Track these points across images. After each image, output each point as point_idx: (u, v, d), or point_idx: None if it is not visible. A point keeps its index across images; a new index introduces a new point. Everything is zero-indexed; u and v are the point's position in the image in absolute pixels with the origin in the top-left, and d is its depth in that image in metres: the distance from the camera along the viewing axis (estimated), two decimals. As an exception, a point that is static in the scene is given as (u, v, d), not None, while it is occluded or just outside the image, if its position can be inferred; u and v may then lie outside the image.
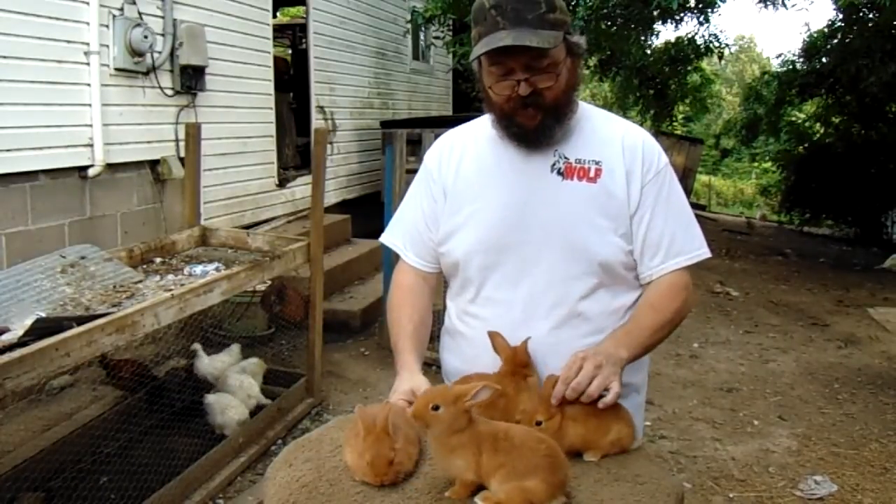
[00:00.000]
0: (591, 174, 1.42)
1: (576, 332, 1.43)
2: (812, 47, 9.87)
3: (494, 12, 1.31)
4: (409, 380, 1.39)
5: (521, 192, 1.43)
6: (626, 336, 1.38)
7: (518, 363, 1.36)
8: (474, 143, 1.52)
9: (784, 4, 7.93)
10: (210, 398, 3.15)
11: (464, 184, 1.49)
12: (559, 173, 1.43)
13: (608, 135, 1.47)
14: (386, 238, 1.64)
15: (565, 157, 1.43)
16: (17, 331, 2.16)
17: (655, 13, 7.23)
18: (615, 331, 1.42)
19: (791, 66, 10.57)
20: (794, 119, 12.30)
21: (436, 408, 1.10)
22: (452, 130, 1.60)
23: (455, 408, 1.10)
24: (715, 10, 8.06)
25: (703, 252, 1.48)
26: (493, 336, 1.38)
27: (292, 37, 9.54)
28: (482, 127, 1.53)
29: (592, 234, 1.41)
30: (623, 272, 1.46)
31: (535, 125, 1.39)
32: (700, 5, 7.92)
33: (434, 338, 1.68)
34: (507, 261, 1.44)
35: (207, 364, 3.37)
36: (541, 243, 1.42)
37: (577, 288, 1.43)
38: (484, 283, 1.47)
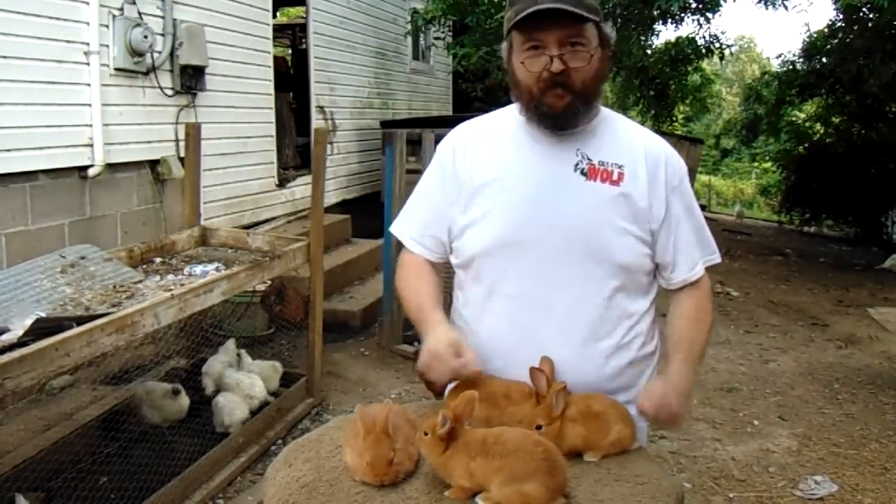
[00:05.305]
0: (615, 177, 1.42)
1: (591, 334, 1.43)
2: (812, 47, 9.88)
3: None
4: (447, 333, 1.39)
5: (543, 188, 1.41)
6: (691, 363, 1.47)
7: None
8: (493, 137, 1.50)
9: (784, 6, 7.93)
10: (220, 399, 3.15)
11: (482, 177, 1.46)
12: (583, 173, 1.42)
13: (630, 139, 1.47)
14: (394, 228, 1.63)
15: (588, 158, 1.42)
16: (17, 331, 2.15)
17: (656, 13, 7.24)
18: (677, 356, 1.46)
19: (791, 67, 10.57)
20: (794, 119, 12.30)
21: (425, 433, 1.16)
22: (467, 123, 1.57)
23: (434, 435, 1.15)
24: (716, 11, 8.05)
25: (717, 254, 1.56)
26: (536, 375, 1.30)
27: (292, 37, 9.55)
28: (501, 121, 1.51)
29: (615, 237, 1.40)
30: (640, 276, 1.46)
31: (563, 106, 1.37)
32: (700, 6, 7.92)
33: None
34: (526, 258, 1.42)
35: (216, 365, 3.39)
36: (562, 243, 1.40)
37: (596, 290, 1.41)
38: (501, 279, 1.44)
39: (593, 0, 1.35)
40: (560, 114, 1.38)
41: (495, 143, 1.49)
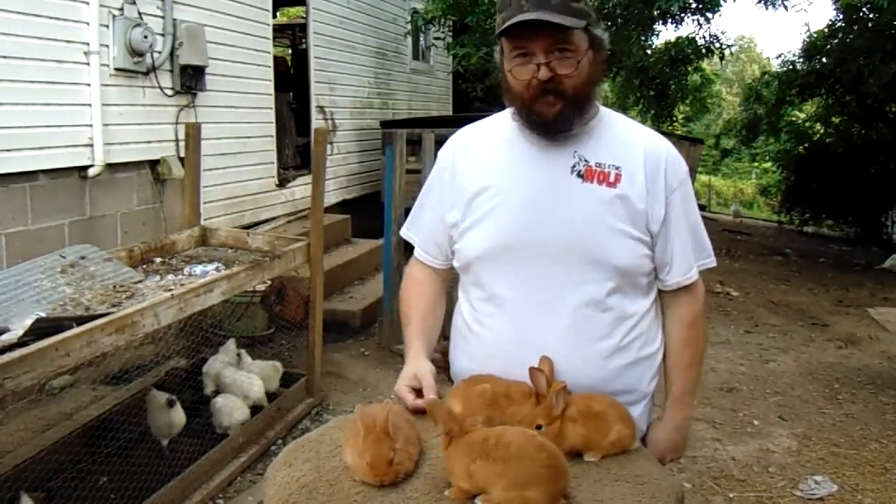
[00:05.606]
0: (612, 179, 1.41)
1: (590, 336, 1.43)
2: (812, 47, 9.87)
3: None
4: (414, 365, 1.44)
5: (540, 191, 1.42)
6: (685, 396, 1.55)
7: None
8: (491, 141, 1.51)
9: (784, 6, 7.92)
10: (219, 401, 3.15)
11: (481, 182, 1.46)
12: (579, 175, 1.41)
13: (629, 140, 1.46)
14: (403, 231, 1.67)
15: (585, 160, 1.42)
16: (17, 331, 2.16)
17: (656, 13, 7.23)
18: (674, 394, 1.54)
19: (791, 67, 10.55)
20: (794, 119, 12.28)
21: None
22: (467, 128, 1.59)
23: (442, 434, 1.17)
24: (716, 11, 8.05)
25: (713, 257, 1.56)
26: (535, 374, 1.31)
27: (292, 37, 9.55)
28: (499, 124, 1.52)
29: (611, 239, 1.40)
30: (639, 278, 1.45)
31: (555, 114, 1.37)
32: (700, 6, 7.91)
33: (446, 337, 1.69)
34: (523, 261, 1.42)
35: (216, 365, 3.38)
36: (559, 245, 1.40)
37: (594, 292, 1.41)
38: (499, 282, 1.45)
39: (581, 4, 1.34)
40: (551, 121, 1.38)
41: (493, 146, 1.50)
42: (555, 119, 1.38)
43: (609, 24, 7.35)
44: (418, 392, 1.39)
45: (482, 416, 1.26)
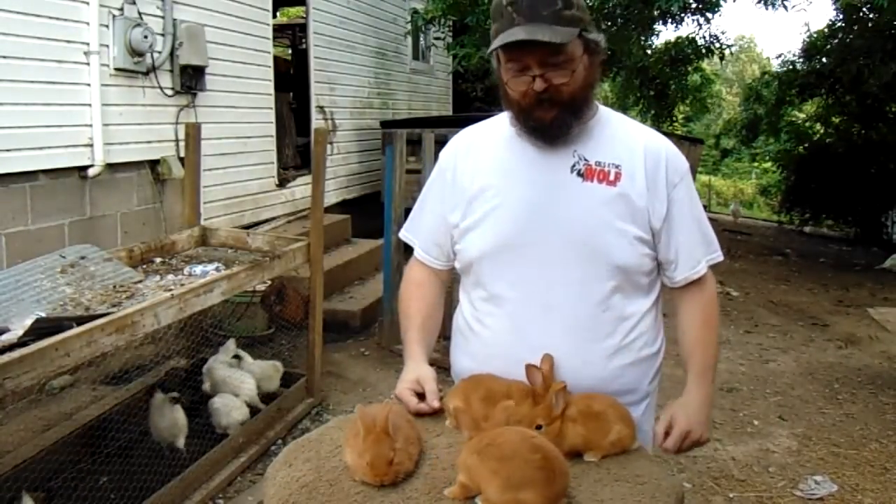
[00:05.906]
0: (612, 177, 1.41)
1: (591, 335, 1.43)
2: (812, 47, 9.88)
3: (511, 8, 1.33)
4: (415, 370, 1.44)
5: (540, 191, 1.42)
6: (708, 372, 1.50)
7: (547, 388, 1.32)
8: (492, 142, 1.51)
9: (784, 6, 7.92)
10: (217, 401, 3.15)
11: (481, 182, 1.47)
12: (579, 174, 1.42)
13: (629, 139, 1.46)
14: (403, 233, 1.67)
15: (585, 159, 1.42)
16: (17, 331, 2.15)
17: (656, 13, 7.23)
18: (696, 369, 1.49)
19: (791, 67, 10.57)
20: (794, 119, 12.29)
21: None
22: (468, 129, 1.59)
23: None
24: (716, 11, 8.05)
25: (720, 252, 1.54)
26: (531, 371, 1.31)
27: (292, 37, 9.56)
28: (499, 125, 1.52)
29: (612, 238, 1.40)
30: (639, 277, 1.45)
31: (551, 119, 1.37)
32: (700, 6, 7.91)
33: (446, 337, 1.68)
34: (524, 260, 1.42)
35: (215, 365, 3.37)
36: (559, 245, 1.40)
37: (594, 291, 1.41)
38: (499, 281, 1.45)
39: (575, 10, 1.33)
40: (548, 126, 1.39)
41: (493, 147, 1.50)
42: (551, 123, 1.38)
43: (609, 24, 7.35)
44: (420, 396, 1.39)
45: (482, 416, 1.27)
